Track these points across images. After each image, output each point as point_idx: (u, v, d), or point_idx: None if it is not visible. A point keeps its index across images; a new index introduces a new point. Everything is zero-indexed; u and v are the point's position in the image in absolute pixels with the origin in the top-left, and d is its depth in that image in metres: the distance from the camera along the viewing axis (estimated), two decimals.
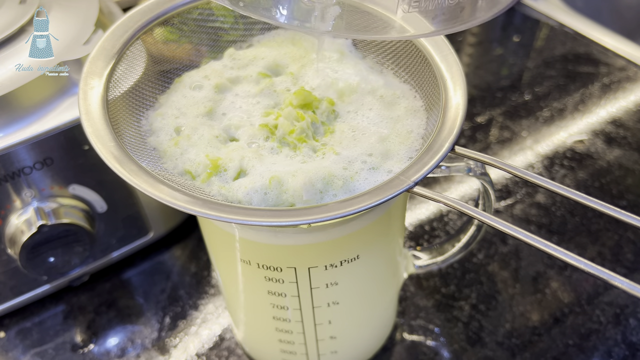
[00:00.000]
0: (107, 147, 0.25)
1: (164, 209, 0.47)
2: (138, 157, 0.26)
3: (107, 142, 0.26)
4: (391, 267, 0.36)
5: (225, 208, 0.23)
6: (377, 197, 0.23)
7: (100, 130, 0.26)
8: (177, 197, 0.24)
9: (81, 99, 0.27)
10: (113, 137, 0.26)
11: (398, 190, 0.23)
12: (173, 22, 0.33)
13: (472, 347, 0.42)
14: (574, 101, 0.63)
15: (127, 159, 0.25)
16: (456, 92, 0.28)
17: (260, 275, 0.31)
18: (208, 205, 0.23)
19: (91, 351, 0.43)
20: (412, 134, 0.29)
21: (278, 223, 0.23)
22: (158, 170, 0.27)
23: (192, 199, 0.24)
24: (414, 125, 0.29)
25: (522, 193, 0.53)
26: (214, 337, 0.43)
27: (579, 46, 0.70)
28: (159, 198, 0.23)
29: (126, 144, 0.27)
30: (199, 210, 0.23)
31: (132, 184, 0.24)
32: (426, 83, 0.30)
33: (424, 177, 0.24)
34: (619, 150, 0.57)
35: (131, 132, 0.29)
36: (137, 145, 0.28)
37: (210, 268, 0.48)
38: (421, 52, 0.31)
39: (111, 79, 0.29)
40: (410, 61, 0.32)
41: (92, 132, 0.26)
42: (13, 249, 0.39)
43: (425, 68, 0.30)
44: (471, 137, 0.59)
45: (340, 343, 0.36)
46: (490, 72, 0.68)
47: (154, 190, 0.24)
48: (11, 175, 0.38)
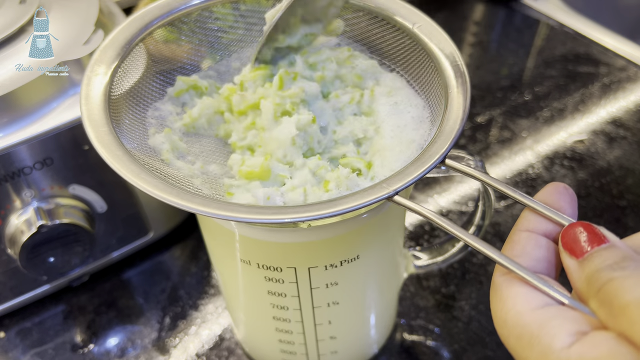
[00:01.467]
0: (99, 131, 0.26)
1: (164, 209, 0.47)
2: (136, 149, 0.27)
3: (100, 126, 0.26)
4: (391, 267, 0.36)
5: (225, 206, 0.23)
6: (355, 203, 0.23)
7: (96, 116, 0.26)
8: (177, 195, 0.23)
9: (84, 85, 0.28)
10: (108, 125, 0.26)
11: (377, 197, 0.23)
12: (183, 21, 0.33)
13: (472, 347, 0.42)
14: (574, 101, 0.63)
15: (126, 156, 0.25)
16: (458, 103, 0.27)
17: (260, 276, 0.31)
18: (208, 203, 0.23)
19: (91, 351, 0.43)
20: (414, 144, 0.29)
21: (270, 220, 0.23)
22: (155, 162, 0.27)
23: (192, 197, 0.23)
24: (416, 135, 0.29)
25: (522, 193, 0.53)
26: (214, 337, 0.43)
27: (579, 46, 0.70)
28: (158, 196, 0.23)
29: (123, 134, 0.27)
30: (198, 208, 0.23)
31: (128, 179, 0.24)
32: (433, 93, 0.30)
33: (406, 187, 0.23)
34: (619, 150, 0.57)
35: (133, 124, 0.29)
36: (136, 135, 0.28)
37: (210, 268, 0.48)
38: (432, 63, 0.30)
39: (118, 70, 0.29)
40: (420, 69, 0.32)
41: (87, 116, 0.26)
42: (13, 249, 0.39)
43: (436, 78, 0.30)
44: (471, 137, 0.59)
45: (340, 343, 0.36)
46: (490, 72, 0.68)
47: (151, 187, 0.24)
48: (11, 175, 0.38)
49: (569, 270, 0.21)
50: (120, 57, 0.29)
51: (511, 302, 0.20)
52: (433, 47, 0.30)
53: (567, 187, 0.23)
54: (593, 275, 0.19)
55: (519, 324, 0.20)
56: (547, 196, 0.23)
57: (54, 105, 0.38)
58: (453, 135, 0.25)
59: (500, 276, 0.21)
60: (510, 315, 0.20)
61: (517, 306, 0.20)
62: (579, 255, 0.20)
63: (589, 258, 0.20)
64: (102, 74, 0.28)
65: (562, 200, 0.23)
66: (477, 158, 0.31)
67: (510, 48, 0.72)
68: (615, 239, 0.21)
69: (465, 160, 0.30)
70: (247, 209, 0.23)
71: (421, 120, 0.30)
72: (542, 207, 0.23)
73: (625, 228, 0.50)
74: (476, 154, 0.53)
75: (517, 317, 0.20)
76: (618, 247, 0.20)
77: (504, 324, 0.20)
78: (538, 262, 0.22)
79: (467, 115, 0.26)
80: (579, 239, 0.21)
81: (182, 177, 0.28)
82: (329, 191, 0.27)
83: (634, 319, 0.17)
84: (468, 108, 0.26)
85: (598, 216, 0.51)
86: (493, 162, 0.57)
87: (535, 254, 0.22)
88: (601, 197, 0.52)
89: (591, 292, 0.19)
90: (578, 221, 0.21)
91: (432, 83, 0.30)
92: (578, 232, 0.21)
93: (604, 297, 0.19)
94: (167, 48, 0.33)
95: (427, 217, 0.23)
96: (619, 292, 0.18)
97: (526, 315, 0.20)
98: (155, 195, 0.23)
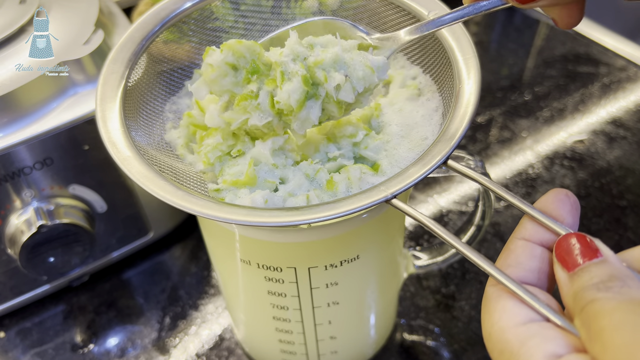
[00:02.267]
0: (110, 130, 0.26)
1: (164, 209, 0.47)
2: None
3: (112, 125, 0.26)
4: (391, 267, 0.36)
5: (226, 208, 0.23)
6: (353, 206, 0.23)
7: (110, 114, 0.27)
8: (178, 195, 0.24)
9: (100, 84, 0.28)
10: (122, 123, 0.26)
11: (374, 201, 0.23)
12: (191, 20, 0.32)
13: (472, 347, 0.42)
14: (574, 101, 0.63)
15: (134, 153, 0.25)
16: (467, 107, 0.26)
17: (260, 276, 0.31)
18: (209, 205, 0.23)
19: (91, 351, 0.43)
20: (427, 141, 0.28)
21: (271, 223, 0.23)
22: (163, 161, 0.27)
23: (193, 199, 0.23)
24: (428, 132, 0.29)
25: (522, 193, 0.53)
26: (214, 337, 0.43)
27: (579, 46, 0.70)
28: (159, 196, 0.23)
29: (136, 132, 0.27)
30: (200, 210, 0.23)
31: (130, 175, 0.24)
32: (446, 89, 0.30)
33: (404, 190, 0.23)
34: (619, 150, 0.57)
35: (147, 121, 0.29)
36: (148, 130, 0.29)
37: (210, 268, 0.48)
38: (449, 62, 0.29)
39: (134, 67, 0.29)
40: (436, 65, 0.31)
41: (101, 116, 0.27)
42: (13, 249, 0.39)
43: (449, 79, 0.30)
44: (471, 137, 0.59)
45: (340, 343, 0.36)
46: (490, 72, 0.68)
47: (155, 187, 0.24)
48: (11, 175, 0.38)
49: (560, 283, 0.20)
50: (136, 55, 0.30)
51: (497, 316, 0.20)
52: (449, 39, 0.29)
53: (569, 195, 0.23)
54: (579, 293, 0.19)
55: (501, 340, 0.19)
56: (547, 204, 0.22)
57: (54, 105, 0.38)
58: (456, 138, 0.25)
59: (491, 286, 0.21)
60: (494, 329, 0.20)
61: (502, 321, 0.20)
62: (571, 268, 0.20)
63: (579, 273, 0.19)
64: (117, 72, 0.29)
65: (562, 208, 0.22)
66: (477, 158, 0.30)
67: (510, 48, 0.72)
68: (609, 253, 0.20)
69: (465, 161, 0.30)
70: (247, 211, 0.23)
71: (431, 116, 0.30)
72: (540, 215, 0.22)
73: (625, 228, 0.50)
74: (476, 154, 0.53)
75: (500, 332, 0.20)
76: (609, 263, 0.19)
77: (489, 337, 0.20)
78: (531, 272, 0.21)
79: (472, 118, 0.26)
80: (572, 251, 0.20)
81: (193, 173, 0.28)
82: (336, 191, 0.26)
83: (606, 345, 0.17)
84: (474, 113, 0.26)
85: (598, 216, 0.51)
86: (493, 162, 0.57)
87: (529, 265, 0.21)
88: (601, 197, 0.52)
89: (576, 310, 0.19)
90: (574, 232, 0.21)
91: (444, 75, 0.30)
92: (572, 243, 0.20)
93: (585, 317, 0.18)
94: (181, 46, 0.33)
95: (420, 221, 0.23)
96: (597, 315, 0.18)
97: (509, 331, 0.19)
98: (160, 197, 0.23)
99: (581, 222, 0.50)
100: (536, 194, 0.53)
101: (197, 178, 0.28)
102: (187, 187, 0.26)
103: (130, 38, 0.30)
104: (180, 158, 0.29)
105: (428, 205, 0.52)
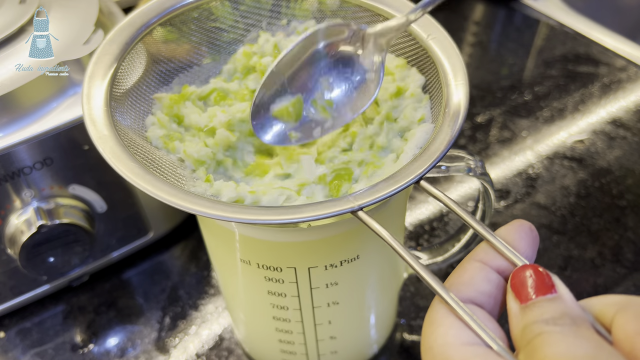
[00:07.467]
0: (100, 128, 0.26)
1: (164, 209, 0.47)
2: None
3: (101, 123, 0.26)
4: (391, 267, 0.36)
5: (225, 207, 0.23)
6: (316, 213, 0.23)
7: (98, 111, 0.26)
8: (179, 196, 0.24)
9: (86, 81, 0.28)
10: (109, 120, 0.26)
11: (341, 210, 0.23)
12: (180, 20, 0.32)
13: None
14: (574, 101, 0.63)
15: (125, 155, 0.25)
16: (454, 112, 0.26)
17: (260, 276, 0.31)
18: (208, 204, 0.23)
19: (91, 351, 0.43)
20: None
21: (267, 221, 0.23)
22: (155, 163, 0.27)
23: (192, 198, 0.23)
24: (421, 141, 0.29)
25: (522, 193, 0.53)
26: (214, 337, 0.43)
27: (579, 46, 0.70)
28: (158, 197, 0.23)
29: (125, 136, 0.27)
30: (199, 209, 0.23)
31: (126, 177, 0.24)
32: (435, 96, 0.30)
33: (372, 203, 0.23)
34: (619, 150, 0.57)
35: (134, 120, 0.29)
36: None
37: (210, 268, 0.48)
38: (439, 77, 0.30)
39: (121, 65, 0.29)
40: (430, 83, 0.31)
41: (89, 114, 0.26)
42: (13, 249, 0.39)
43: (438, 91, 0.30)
44: (471, 137, 0.59)
45: (340, 343, 0.36)
46: (490, 72, 0.68)
47: (153, 188, 0.24)
48: (11, 175, 0.38)
49: (510, 314, 0.20)
50: (133, 39, 0.30)
51: (442, 331, 0.20)
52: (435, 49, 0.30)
53: (532, 229, 0.22)
54: (528, 327, 0.19)
55: (444, 356, 0.19)
56: (509, 234, 0.22)
57: (54, 105, 0.38)
58: (434, 158, 0.24)
59: (440, 301, 0.21)
60: (437, 343, 0.19)
61: (447, 337, 0.19)
62: (523, 301, 0.20)
63: (531, 307, 0.19)
64: (111, 53, 0.28)
65: (523, 240, 0.22)
66: (477, 158, 0.30)
67: (510, 48, 0.72)
68: (565, 291, 0.20)
69: (465, 161, 0.30)
70: (249, 210, 0.23)
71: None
72: (500, 245, 0.22)
73: (625, 228, 0.50)
74: (476, 154, 0.53)
75: (444, 348, 0.19)
76: (563, 301, 0.19)
77: (429, 350, 0.20)
78: (482, 295, 0.21)
79: (455, 138, 0.25)
80: (527, 284, 0.20)
81: (169, 162, 0.28)
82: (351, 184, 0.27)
83: None
84: (459, 131, 0.26)
85: (598, 216, 0.51)
86: (493, 162, 0.57)
87: (482, 287, 0.21)
88: (601, 197, 0.52)
89: (522, 343, 0.18)
90: (531, 264, 0.21)
91: (435, 89, 0.30)
92: (527, 275, 0.20)
93: (530, 350, 0.18)
94: (171, 45, 0.33)
95: (385, 239, 0.23)
96: (542, 346, 0.17)
97: (453, 348, 0.19)
98: (158, 197, 0.23)
99: (581, 222, 0.50)
100: (537, 194, 0.53)
101: (171, 165, 0.28)
102: (159, 170, 0.26)
103: (130, 23, 0.30)
104: (158, 148, 0.29)
105: (428, 205, 0.52)
